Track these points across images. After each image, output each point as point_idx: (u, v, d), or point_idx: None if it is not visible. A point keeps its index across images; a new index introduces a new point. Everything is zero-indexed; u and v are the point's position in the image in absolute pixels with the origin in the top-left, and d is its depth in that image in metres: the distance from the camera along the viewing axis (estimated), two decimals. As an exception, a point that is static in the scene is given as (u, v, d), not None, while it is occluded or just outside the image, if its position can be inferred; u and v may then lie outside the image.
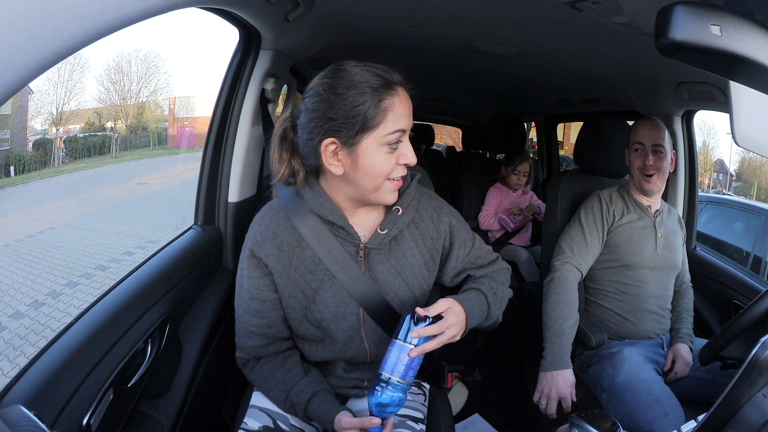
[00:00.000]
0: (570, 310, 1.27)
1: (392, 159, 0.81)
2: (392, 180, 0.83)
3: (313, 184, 0.88)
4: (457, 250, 0.98)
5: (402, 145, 0.82)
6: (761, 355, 0.62)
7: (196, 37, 14.95)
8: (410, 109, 0.83)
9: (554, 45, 1.39)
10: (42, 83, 5.59)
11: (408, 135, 0.83)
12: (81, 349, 0.74)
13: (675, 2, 0.49)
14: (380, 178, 0.82)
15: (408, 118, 0.82)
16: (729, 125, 0.58)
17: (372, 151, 0.79)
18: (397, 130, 0.79)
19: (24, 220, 5.67)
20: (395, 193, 0.86)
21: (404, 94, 0.82)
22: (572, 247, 1.36)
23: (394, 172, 0.82)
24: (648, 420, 1.07)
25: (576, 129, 2.02)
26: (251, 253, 0.89)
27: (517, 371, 1.94)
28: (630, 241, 1.35)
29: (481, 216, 2.48)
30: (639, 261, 1.35)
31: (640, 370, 1.21)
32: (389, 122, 0.78)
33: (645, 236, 1.36)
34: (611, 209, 1.38)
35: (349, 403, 0.99)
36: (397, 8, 1.25)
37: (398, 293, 0.91)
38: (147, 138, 7.63)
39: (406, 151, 0.82)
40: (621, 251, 1.36)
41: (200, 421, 1.10)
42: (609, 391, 1.20)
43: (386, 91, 0.78)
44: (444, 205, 0.99)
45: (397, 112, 0.79)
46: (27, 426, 0.42)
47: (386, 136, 0.79)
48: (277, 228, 0.89)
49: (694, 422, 0.70)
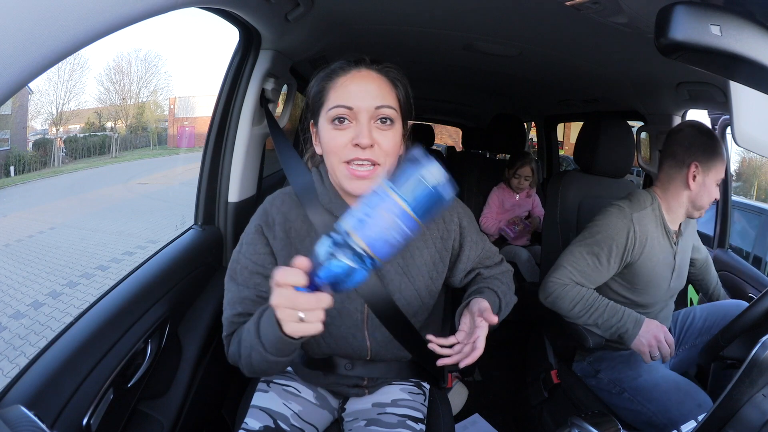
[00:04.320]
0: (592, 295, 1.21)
1: (340, 137, 0.78)
2: (348, 164, 0.78)
3: (324, 178, 0.89)
4: (467, 251, 0.97)
5: (356, 125, 0.78)
6: (761, 355, 0.62)
7: (196, 37, 14.93)
8: (368, 90, 0.78)
9: (554, 45, 1.39)
10: (42, 83, 5.59)
11: (368, 117, 0.77)
12: (81, 349, 0.74)
13: (675, 2, 0.49)
14: (334, 157, 0.80)
15: (361, 97, 0.78)
16: (729, 125, 0.58)
17: (324, 128, 0.81)
18: (336, 105, 0.78)
19: (24, 220, 5.67)
20: (355, 183, 0.79)
21: (361, 75, 0.80)
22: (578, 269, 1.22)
23: (345, 152, 0.78)
24: (683, 413, 1.08)
25: (576, 129, 2.02)
26: (260, 229, 0.87)
27: (517, 371, 1.94)
28: (649, 283, 1.24)
29: (483, 219, 2.47)
30: (651, 301, 1.28)
31: (659, 368, 1.22)
32: (332, 98, 0.80)
33: (663, 274, 1.25)
34: (637, 242, 1.19)
35: (349, 403, 1.00)
36: (397, 8, 1.25)
37: (404, 293, 0.91)
38: (147, 138, 7.63)
39: (359, 131, 0.77)
40: (637, 290, 1.25)
41: (200, 421, 1.10)
42: (633, 391, 1.19)
43: (336, 71, 0.81)
44: (456, 205, 0.98)
45: (340, 89, 0.79)
46: (27, 426, 0.42)
47: (329, 111, 0.79)
48: (289, 212, 0.89)
49: (694, 422, 0.70)
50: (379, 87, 0.80)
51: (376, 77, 0.81)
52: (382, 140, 0.78)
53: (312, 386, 0.99)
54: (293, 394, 0.96)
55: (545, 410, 1.50)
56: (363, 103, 0.78)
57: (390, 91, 0.81)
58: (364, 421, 0.93)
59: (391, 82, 0.82)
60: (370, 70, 0.81)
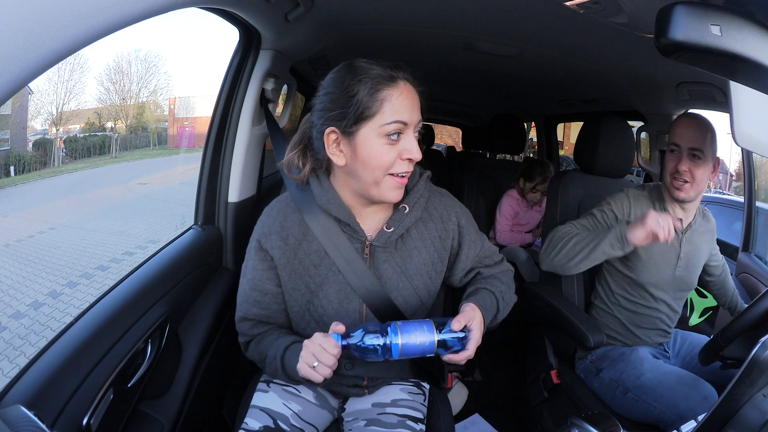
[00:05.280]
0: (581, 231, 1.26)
1: (392, 152, 0.80)
2: (394, 176, 0.81)
3: (322, 180, 0.89)
4: (466, 250, 0.98)
5: (405, 139, 0.80)
6: (761, 355, 0.62)
7: (196, 37, 14.90)
8: (414, 104, 0.81)
9: (554, 45, 1.39)
10: (42, 83, 5.58)
11: (413, 131, 0.81)
12: (81, 349, 0.74)
13: (675, 2, 0.49)
14: (379, 171, 0.80)
15: (411, 112, 0.80)
16: (729, 125, 0.58)
17: (370, 141, 0.79)
18: (394, 120, 0.78)
19: (24, 220, 5.66)
20: (399, 191, 0.84)
21: (408, 88, 0.81)
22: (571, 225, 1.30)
23: (395, 166, 0.81)
24: (691, 407, 1.08)
25: (576, 129, 2.02)
26: (258, 245, 0.91)
27: (517, 371, 1.94)
28: (649, 261, 1.27)
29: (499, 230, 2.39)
30: (654, 282, 1.29)
31: (660, 365, 1.23)
32: (386, 112, 0.78)
33: (666, 257, 1.27)
34: (632, 211, 1.28)
35: (349, 403, 1.00)
36: (397, 8, 1.25)
37: (402, 292, 0.91)
38: (147, 138, 7.62)
39: (410, 146, 0.80)
40: (636, 268, 1.28)
41: (200, 421, 1.10)
42: (637, 390, 1.19)
43: (384, 82, 0.78)
44: (455, 204, 0.98)
45: (395, 103, 0.78)
46: (27, 426, 0.42)
47: (383, 127, 0.78)
48: (285, 220, 0.90)
49: (694, 422, 0.70)
50: (418, 99, 0.83)
51: (415, 92, 0.83)
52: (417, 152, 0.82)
53: (312, 386, 0.99)
54: (293, 394, 0.96)
55: (545, 410, 1.50)
56: (413, 119, 0.80)
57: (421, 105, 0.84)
58: (364, 421, 0.93)
59: (420, 96, 0.84)
60: (407, 82, 0.82)
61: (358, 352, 0.77)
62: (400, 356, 0.77)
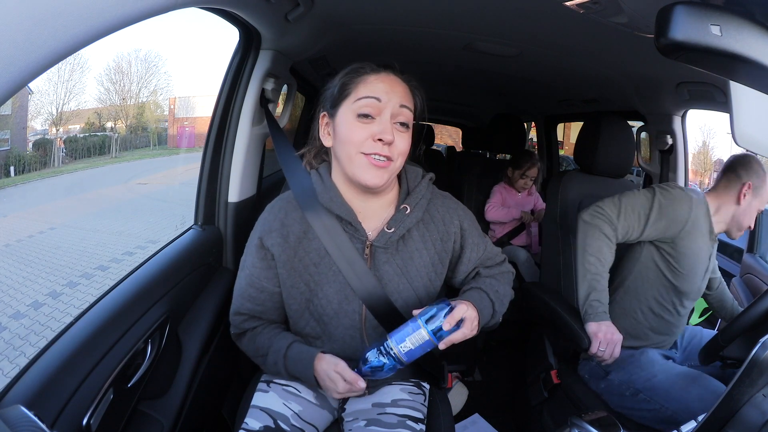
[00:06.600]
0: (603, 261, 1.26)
1: (364, 131, 0.83)
2: (367, 155, 0.83)
3: (324, 177, 0.90)
4: (468, 253, 0.98)
5: (379, 120, 0.83)
6: (761, 355, 0.62)
7: (196, 37, 14.95)
8: (393, 89, 0.84)
9: (554, 45, 1.39)
10: (42, 83, 5.58)
11: (389, 114, 0.83)
12: (81, 349, 0.74)
13: (675, 2, 0.49)
14: (351, 147, 0.83)
15: (387, 93, 0.83)
16: (729, 125, 0.58)
17: (345, 119, 0.84)
18: (365, 96, 0.82)
19: (24, 221, 5.66)
20: (374, 172, 0.84)
21: (390, 78, 0.86)
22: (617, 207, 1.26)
23: (365, 145, 0.83)
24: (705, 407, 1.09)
25: (576, 129, 2.02)
26: (260, 243, 0.91)
27: (517, 371, 1.94)
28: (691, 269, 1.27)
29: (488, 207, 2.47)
30: (690, 291, 1.29)
31: (672, 366, 1.24)
32: (360, 90, 0.83)
33: (701, 266, 1.29)
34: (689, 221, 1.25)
35: (349, 403, 1.00)
36: (397, 8, 1.25)
37: (402, 294, 0.91)
38: (147, 138, 7.62)
39: (383, 128, 0.82)
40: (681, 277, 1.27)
41: (200, 421, 1.10)
42: (649, 392, 1.19)
43: (369, 70, 0.85)
44: (458, 207, 0.99)
45: (370, 83, 0.84)
46: (27, 426, 0.42)
47: (356, 103, 0.83)
48: (285, 217, 0.91)
49: (694, 422, 0.70)
50: (404, 90, 0.87)
51: (402, 83, 0.87)
52: (398, 141, 0.84)
53: (312, 386, 0.99)
54: (293, 394, 0.96)
55: (545, 410, 1.50)
56: (389, 100, 0.83)
57: (411, 98, 0.88)
58: (364, 421, 0.93)
59: (412, 91, 0.88)
60: (397, 75, 0.87)
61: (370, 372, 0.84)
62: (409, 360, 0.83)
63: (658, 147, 1.80)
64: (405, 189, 0.94)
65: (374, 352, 0.83)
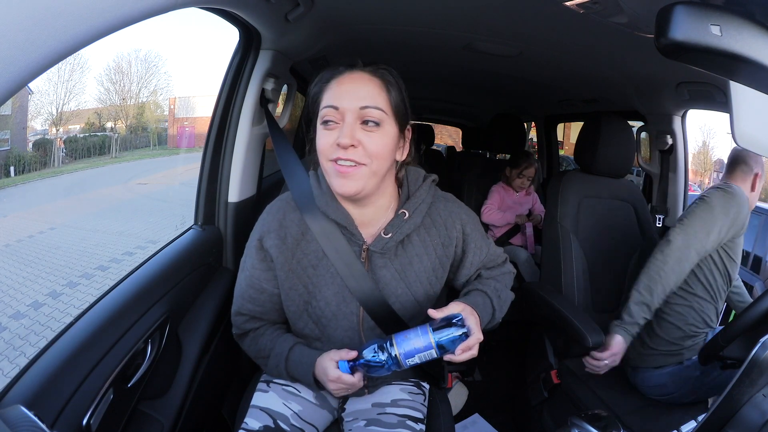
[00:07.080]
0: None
1: (329, 137, 0.81)
2: (334, 162, 0.80)
3: (321, 181, 0.89)
4: (471, 257, 0.97)
5: (342, 126, 0.79)
6: (761, 355, 0.62)
7: (196, 37, 14.95)
8: (355, 91, 0.80)
9: (554, 45, 1.39)
10: (42, 83, 5.58)
11: (354, 116, 0.79)
12: (81, 349, 0.74)
13: (675, 2, 0.49)
14: (321, 155, 0.83)
15: (347, 98, 0.79)
16: (729, 125, 0.57)
17: (318, 129, 0.83)
18: (325, 106, 0.81)
19: (24, 221, 5.66)
20: (341, 181, 0.80)
21: (352, 77, 0.82)
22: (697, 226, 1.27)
23: (330, 151, 0.80)
24: None
25: (576, 129, 2.02)
26: (259, 244, 0.91)
27: (517, 371, 1.94)
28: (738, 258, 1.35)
29: (485, 209, 2.48)
30: (734, 277, 1.37)
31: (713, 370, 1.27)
32: (324, 99, 0.82)
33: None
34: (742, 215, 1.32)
35: (349, 403, 1.00)
36: (397, 8, 1.25)
37: (400, 298, 0.91)
38: (147, 138, 7.62)
39: (342, 132, 0.78)
40: (733, 263, 1.34)
41: (200, 421, 1.10)
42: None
43: (334, 74, 0.83)
44: (460, 210, 0.96)
45: (332, 90, 0.82)
46: (27, 426, 0.42)
47: (321, 111, 0.82)
48: (284, 219, 0.90)
49: (694, 422, 0.70)
50: (368, 89, 0.81)
51: (368, 79, 0.82)
52: (367, 141, 0.79)
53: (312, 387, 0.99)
54: (293, 394, 0.96)
55: (545, 410, 1.50)
56: (349, 104, 0.79)
57: (380, 93, 0.81)
58: (364, 421, 0.93)
59: (383, 84, 0.82)
60: (363, 72, 0.82)
61: (365, 369, 0.82)
62: (407, 365, 0.80)
63: (658, 147, 1.80)
64: (405, 193, 0.92)
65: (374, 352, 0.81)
